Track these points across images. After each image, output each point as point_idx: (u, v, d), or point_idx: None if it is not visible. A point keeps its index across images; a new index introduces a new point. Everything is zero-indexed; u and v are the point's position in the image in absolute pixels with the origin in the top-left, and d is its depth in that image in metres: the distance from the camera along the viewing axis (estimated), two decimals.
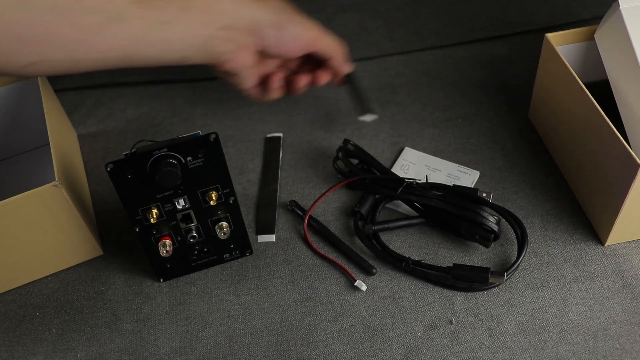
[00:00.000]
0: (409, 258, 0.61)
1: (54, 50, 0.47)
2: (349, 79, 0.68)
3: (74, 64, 0.49)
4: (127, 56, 0.50)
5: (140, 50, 0.50)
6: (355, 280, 0.61)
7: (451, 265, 0.60)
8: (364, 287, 0.60)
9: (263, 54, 0.59)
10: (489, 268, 0.59)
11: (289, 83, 0.66)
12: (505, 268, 0.60)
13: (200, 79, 0.84)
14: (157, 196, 0.56)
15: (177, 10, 0.50)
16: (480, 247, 0.63)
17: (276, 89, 0.65)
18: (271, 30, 0.56)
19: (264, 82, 0.64)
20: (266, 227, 0.67)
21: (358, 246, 0.64)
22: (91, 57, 0.49)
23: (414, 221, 0.65)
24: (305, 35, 0.59)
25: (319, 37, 0.61)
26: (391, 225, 0.64)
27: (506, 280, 0.59)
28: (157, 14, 0.49)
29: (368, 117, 0.70)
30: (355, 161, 0.69)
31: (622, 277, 0.60)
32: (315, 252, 0.64)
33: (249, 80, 0.61)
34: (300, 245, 0.65)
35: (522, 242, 0.61)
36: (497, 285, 0.59)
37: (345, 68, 0.66)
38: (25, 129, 0.75)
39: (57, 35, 0.46)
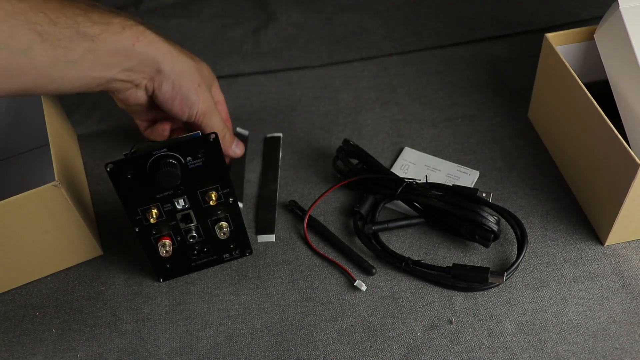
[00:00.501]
0: (408, 258, 0.61)
1: None
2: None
3: None
4: (31, 88, 0.51)
5: (43, 85, 0.52)
6: (355, 280, 0.61)
7: (451, 265, 0.60)
8: (363, 287, 0.60)
9: (153, 102, 0.61)
10: (489, 268, 0.59)
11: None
12: (504, 268, 0.60)
13: None
14: (157, 196, 0.56)
15: (84, 51, 0.52)
16: (480, 247, 0.63)
17: (162, 135, 0.67)
18: (168, 85, 0.59)
19: (153, 123, 0.67)
20: (266, 227, 0.67)
21: (358, 246, 0.64)
22: None
23: (414, 221, 0.65)
24: (195, 106, 0.61)
25: (207, 114, 0.62)
26: (391, 225, 0.64)
27: (506, 280, 0.59)
28: (64, 54, 0.51)
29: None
30: (355, 161, 0.69)
31: (622, 277, 0.60)
32: (315, 252, 0.64)
33: (138, 115, 0.65)
34: (300, 245, 0.65)
35: (521, 242, 0.61)
36: (497, 285, 0.59)
37: (230, 152, 0.68)
38: (25, 129, 0.75)
39: None
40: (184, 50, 0.61)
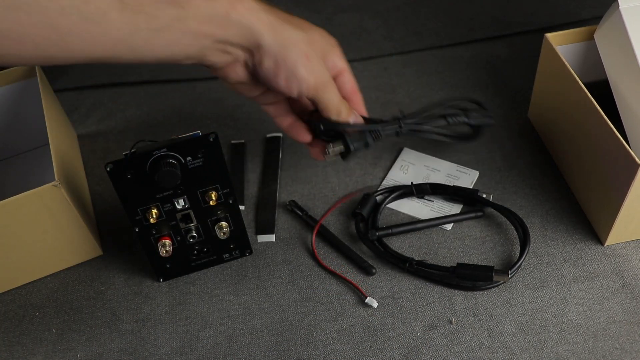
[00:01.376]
0: (412, 259, 0.61)
1: (21, 46, 0.43)
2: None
3: (46, 60, 0.46)
4: (107, 57, 0.47)
5: (121, 54, 0.46)
6: (366, 297, 0.59)
7: (453, 264, 0.60)
8: (375, 304, 0.59)
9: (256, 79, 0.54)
10: (493, 266, 0.59)
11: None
12: (506, 267, 0.60)
13: (200, 79, 0.84)
14: (157, 196, 0.56)
15: (171, 19, 0.46)
16: (480, 246, 0.63)
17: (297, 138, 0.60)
18: (270, 60, 0.51)
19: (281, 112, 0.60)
20: (266, 227, 0.67)
21: (358, 246, 0.64)
22: (66, 56, 0.45)
23: (418, 226, 0.64)
24: (304, 81, 0.52)
25: (320, 89, 0.54)
26: (395, 230, 0.64)
27: (510, 278, 0.59)
28: (147, 21, 0.45)
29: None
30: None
31: (622, 277, 0.60)
32: (325, 268, 0.63)
33: (247, 92, 0.56)
34: (300, 246, 0.65)
35: (524, 240, 0.61)
36: (501, 284, 0.59)
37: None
38: (25, 129, 0.75)
39: (26, 33, 0.43)
40: (292, 18, 0.52)
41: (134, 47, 0.46)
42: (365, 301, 0.59)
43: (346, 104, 0.57)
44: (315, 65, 0.53)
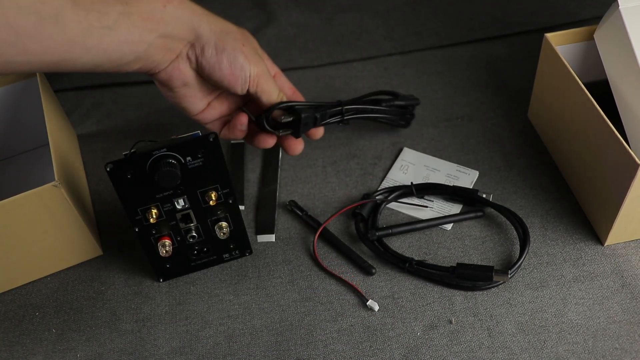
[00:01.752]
0: (412, 259, 0.61)
1: None
2: None
3: (5, 66, 0.46)
4: (62, 60, 0.47)
5: (76, 55, 0.48)
6: (368, 300, 0.59)
7: (452, 264, 0.60)
8: (376, 307, 0.59)
9: (201, 76, 0.56)
10: (493, 266, 0.59)
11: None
12: (506, 267, 0.60)
13: None
14: (157, 196, 0.56)
15: (118, 15, 0.48)
16: (479, 246, 0.63)
17: (240, 130, 0.61)
18: (211, 48, 0.53)
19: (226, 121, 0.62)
20: (266, 227, 0.67)
21: (358, 246, 0.64)
22: (23, 60, 0.46)
23: (418, 226, 0.64)
24: (246, 67, 0.55)
25: (262, 77, 0.56)
26: (395, 230, 0.64)
27: (510, 278, 0.59)
28: (98, 19, 0.47)
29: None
30: (289, 118, 0.61)
31: (622, 277, 0.60)
32: (327, 271, 0.63)
33: (192, 102, 0.58)
34: (300, 246, 0.65)
35: (524, 240, 0.61)
36: (501, 284, 0.59)
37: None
38: (25, 129, 0.75)
39: None
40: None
41: (88, 46, 0.47)
42: (367, 304, 0.59)
43: (280, 92, 0.60)
44: (252, 54, 0.56)
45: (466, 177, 0.69)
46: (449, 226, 0.65)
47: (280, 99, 0.59)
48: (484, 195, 0.65)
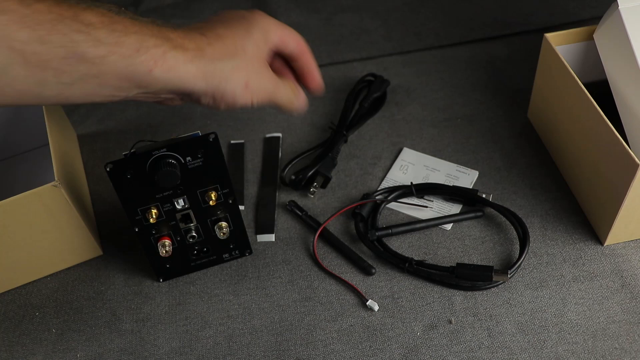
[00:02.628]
0: (412, 259, 0.61)
1: None
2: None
3: None
4: (16, 104, 0.43)
5: (31, 102, 0.44)
6: (367, 300, 0.59)
7: (452, 264, 0.60)
8: (376, 307, 0.59)
9: None
10: (493, 266, 0.59)
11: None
12: (505, 267, 0.60)
13: None
14: (157, 196, 0.56)
15: (82, 75, 0.42)
16: (479, 246, 0.63)
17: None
18: (207, 99, 0.48)
19: None
20: (265, 227, 0.67)
21: (358, 246, 0.64)
22: None
23: (417, 226, 0.64)
24: (247, 106, 0.50)
25: (267, 101, 0.52)
26: (395, 230, 0.64)
27: (510, 278, 0.59)
28: (56, 75, 0.42)
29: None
30: None
31: (621, 276, 0.60)
32: (327, 271, 0.63)
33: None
34: (300, 246, 0.65)
35: (524, 240, 0.61)
36: (501, 284, 0.60)
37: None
38: (25, 129, 0.75)
39: None
40: (222, 40, 0.48)
41: (44, 97, 0.43)
42: (367, 304, 0.59)
43: (296, 91, 0.55)
44: (255, 88, 0.50)
45: (466, 177, 0.69)
46: (448, 226, 0.65)
47: (290, 107, 0.54)
48: (484, 195, 0.65)
